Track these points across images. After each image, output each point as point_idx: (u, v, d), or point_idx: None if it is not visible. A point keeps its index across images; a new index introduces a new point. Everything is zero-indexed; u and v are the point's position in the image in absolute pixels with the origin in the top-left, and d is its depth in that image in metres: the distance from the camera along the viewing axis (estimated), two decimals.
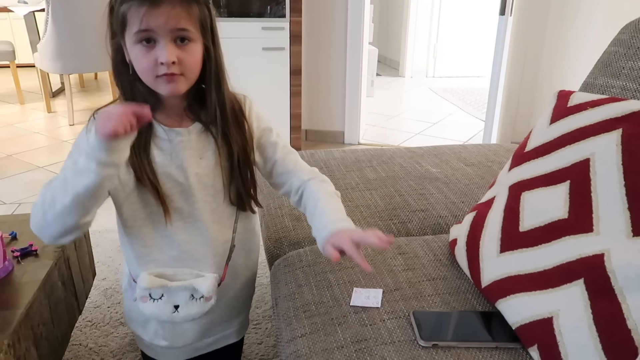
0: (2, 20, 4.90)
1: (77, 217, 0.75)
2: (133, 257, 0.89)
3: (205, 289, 0.87)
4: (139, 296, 0.87)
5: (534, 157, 0.90)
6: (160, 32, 0.74)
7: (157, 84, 0.78)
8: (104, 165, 0.70)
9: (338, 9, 2.94)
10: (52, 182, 0.77)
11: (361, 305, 0.84)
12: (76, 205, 0.73)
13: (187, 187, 0.85)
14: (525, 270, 0.77)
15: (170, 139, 0.83)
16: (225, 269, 0.94)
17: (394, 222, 1.17)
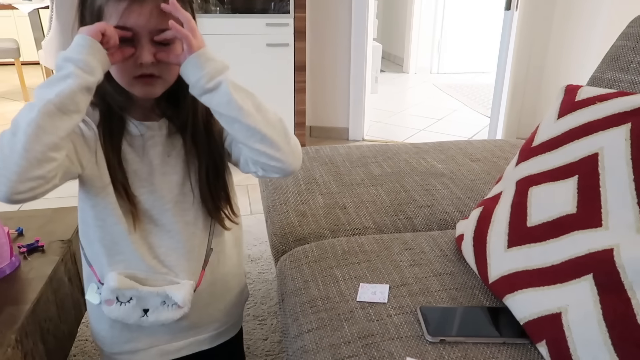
0: (7, 17, 4.92)
1: (43, 144, 0.62)
2: (103, 253, 0.82)
3: (180, 297, 0.81)
4: (104, 299, 0.81)
5: (542, 152, 0.89)
6: (141, 31, 0.71)
7: (132, 85, 0.75)
8: (82, 68, 0.65)
9: (342, 4, 2.93)
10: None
11: (368, 301, 0.84)
12: (45, 120, 0.62)
13: (155, 187, 0.81)
14: (533, 266, 0.77)
15: (142, 133, 0.80)
16: (202, 275, 0.87)
17: (400, 218, 1.17)
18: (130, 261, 0.82)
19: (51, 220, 1.22)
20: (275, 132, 0.73)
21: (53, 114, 0.63)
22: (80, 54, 0.66)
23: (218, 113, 0.73)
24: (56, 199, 2.26)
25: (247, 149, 0.74)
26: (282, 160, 0.74)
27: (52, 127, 0.63)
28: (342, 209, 1.20)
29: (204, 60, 0.71)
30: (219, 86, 0.71)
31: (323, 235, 1.11)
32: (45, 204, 2.20)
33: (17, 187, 0.62)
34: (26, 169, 0.62)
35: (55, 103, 0.63)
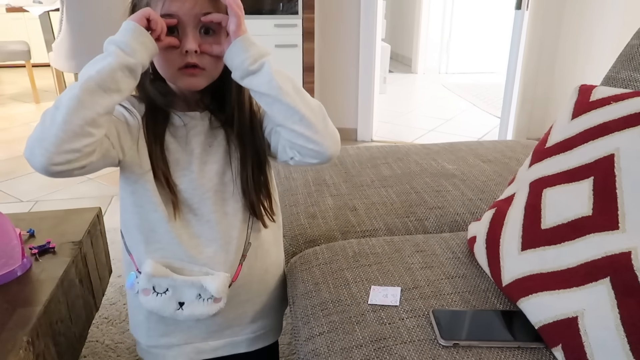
0: (17, 20, 4.96)
1: (82, 118, 0.65)
2: (141, 241, 0.83)
3: (214, 288, 0.81)
4: (141, 289, 0.82)
5: (556, 153, 0.88)
6: (186, 18, 0.73)
7: (176, 77, 0.77)
8: (123, 50, 0.68)
9: (351, 5, 2.92)
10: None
11: (379, 304, 0.83)
12: (85, 95, 0.65)
13: (195, 175, 0.82)
14: (548, 269, 0.75)
15: (185, 123, 0.82)
16: (239, 269, 0.87)
17: (411, 220, 1.16)
18: (167, 249, 0.82)
19: (62, 221, 1.23)
20: (313, 115, 0.74)
21: (93, 90, 0.66)
22: (122, 37, 0.69)
23: (259, 94, 0.74)
24: (68, 200, 2.28)
25: (285, 130, 0.74)
26: (320, 142, 0.74)
27: (92, 102, 0.66)
28: (352, 210, 1.19)
29: (249, 44, 0.73)
30: (262, 67, 0.72)
31: (333, 237, 1.11)
32: (57, 205, 2.22)
33: (53, 158, 0.64)
34: (63, 140, 0.64)
35: (95, 80, 0.66)
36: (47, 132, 0.64)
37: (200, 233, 0.83)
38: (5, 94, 4.33)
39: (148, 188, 0.79)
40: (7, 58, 3.89)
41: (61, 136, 0.64)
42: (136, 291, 0.84)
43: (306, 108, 0.74)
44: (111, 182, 2.47)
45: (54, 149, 0.64)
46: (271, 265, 0.95)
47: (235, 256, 0.86)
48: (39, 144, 0.64)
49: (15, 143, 3.10)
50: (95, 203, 2.27)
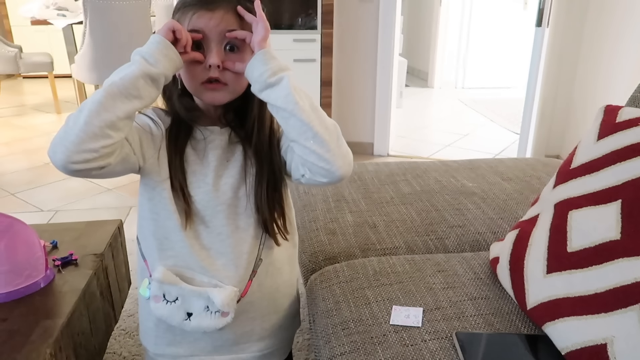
0: (41, 32, 5.08)
1: (102, 120, 0.68)
2: (155, 247, 0.84)
3: (220, 301, 0.81)
4: (152, 295, 0.83)
5: (581, 175, 0.87)
6: (211, 34, 0.76)
7: (200, 91, 0.80)
8: (146, 59, 0.71)
9: (369, 20, 2.94)
10: None
11: (401, 324, 0.82)
12: (107, 99, 0.69)
13: (210, 188, 0.83)
14: (575, 293, 0.74)
15: (204, 137, 0.84)
16: (248, 285, 0.86)
17: (431, 238, 1.15)
18: (179, 258, 0.83)
19: (84, 233, 1.24)
20: (327, 133, 0.74)
21: (115, 95, 0.69)
22: (148, 48, 0.73)
23: (275, 107, 0.75)
24: (87, 210, 2.31)
25: (298, 146, 0.75)
26: (331, 161, 0.74)
27: (113, 106, 0.69)
28: (372, 227, 1.19)
29: (269, 57, 0.75)
30: (281, 81, 0.74)
31: (353, 254, 1.10)
32: (76, 214, 2.24)
33: (73, 156, 0.68)
34: (83, 140, 0.67)
35: (118, 85, 0.70)
36: (69, 132, 0.68)
37: (210, 245, 0.84)
38: (27, 104, 4.42)
39: (165, 196, 0.82)
40: (31, 69, 3.98)
41: (81, 136, 0.67)
42: (147, 297, 0.85)
43: (320, 126, 0.74)
44: (130, 193, 2.50)
45: (73, 148, 0.67)
46: (283, 284, 0.94)
47: (245, 271, 0.86)
48: (61, 142, 0.68)
49: (36, 153, 3.15)
50: (114, 213, 2.29)
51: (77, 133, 0.67)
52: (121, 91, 0.70)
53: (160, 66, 0.72)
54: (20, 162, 2.99)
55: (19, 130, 3.62)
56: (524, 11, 4.97)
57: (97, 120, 0.68)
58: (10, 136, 3.50)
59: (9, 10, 5.21)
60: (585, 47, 2.72)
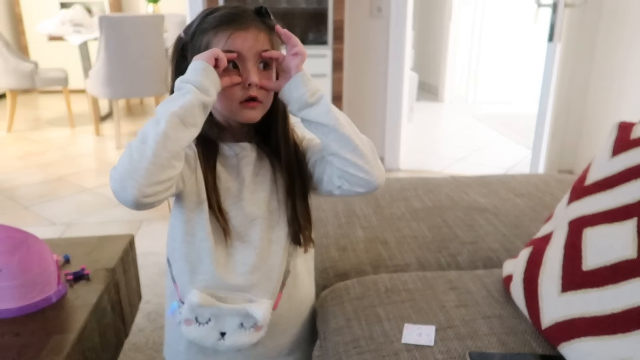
0: (57, 48, 5.18)
1: (169, 152, 0.69)
2: (187, 270, 0.83)
3: (261, 315, 0.81)
4: (184, 319, 0.82)
5: (596, 192, 0.86)
6: (247, 54, 0.78)
7: (237, 111, 0.81)
8: (198, 88, 0.73)
9: (380, 36, 2.96)
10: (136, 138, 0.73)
11: (413, 343, 0.81)
12: (171, 129, 0.69)
13: (245, 203, 0.84)
14: (591, 313, 0.73)
15: (236, 153, 0.85)
16: (279, 297, 0.87)
17: (443, 255, 1.14)
18: (212, 279, 0.83)
19: (96, 248, 1.25)
20: (364, 146, 0.79)
21: (177, 125, 0.70)
22: (196, 76, 0.73)
23: (316, 124, 0.78)
24: (99, 224, 2.33)
25: (337, 159, 0.78)
26: (370, 172, 0.78)
27: (176, 137, 0.70)
28: (383, 243, 1.18)
29: (307, 79, 0.79)
30: (320, 100, 0.78)
31: (364, 271, 1.09)
32: (88, 228, 2.26)
33: (144, 190, 0.68)
34: (153, 173, 0.68)
35: (179, 115, 0.70)
36: (137, 166, 0.68)
37: (246, 260, 0.84)
38: (42, 118, 4.49)
39: (203, 217, 0.82)
40: (46, 84, 4.04)
41: (151, 169, 0.68)
42: (178, 321, 0.84)
43: (358, 139, 0.79)
44: None
45: (144, 182, 0.67)
46: (306, 296, 0.95)
47: (277, 283, 0.86)
48: (130, 177, 0.68)
49: (50, 166, 3.19)
50: (126, 227, 2.31)
51: (146, 166, 0.67)
52: (182, 120, 0.70)
53: (211, 93, 0.74)
54: (34, 175, 3.03)
55: (34, 144, 3.68)
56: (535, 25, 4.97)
57: (165, 152, 0.69)
58: (25, 150, 3.55)
59: (26, 27, 5.32)
60: (597, 61, 2.71)
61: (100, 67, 3.48)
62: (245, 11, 0.81)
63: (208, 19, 0.80)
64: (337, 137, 0.77)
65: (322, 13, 2.70)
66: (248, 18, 0.79)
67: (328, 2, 2.65)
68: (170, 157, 0.70)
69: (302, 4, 2.84)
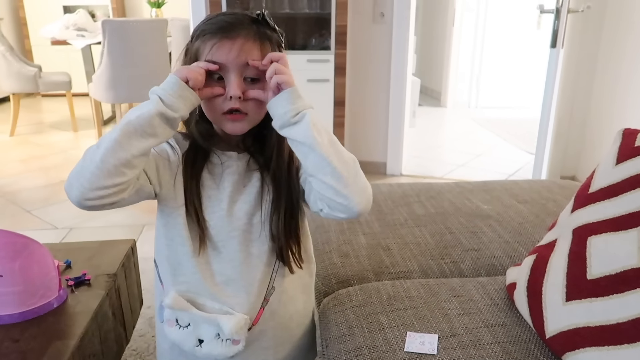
0: (60, 52, 5.19)
1: (117, 159, 0.69)
2: (169, 272, 0.84)
3: (228, 329, 0.80)
4: (166, 319, 0.83)
5: (600, 199, 0.85)
6: (230, 66, 0.76)
7: (220, 122, 0.80)
8: (164, 103, 0.72)
9: (382, 41, 2.96)
10: None
11: (416, 352, 0.81)
12: (123, 137, 0.69)
13: (225, 213, 0.82)
14: (596, 322, 0.72)
15: (222, 161, 0.84)
16: (260, 313, 0.85)
17: (446, 262, 1.14)
18: (191, 283, 0.83)
19: (97, 253, 1.25)
20: (345, 168, 0.74)
21: (131, 133, 0.70)
22: (164, 89, 0.73)
23: (295, 142, 0.75)
24: (101, 228, 2.32)
25: (316, 181, 0.75)
26: (348, 197, 0.73)
27: (128, 145, 0.70)
28: (385, 250, 1.18)
29: (296, 96, 0.75)
30: (303, 118, 0.74)
31: (367, 277, 1.09)
32: (90, 232, 2.26)
33: (87, 193, 0.70)
34: (98, 177, 0.69)
35: (134, 124, 0.70)
36: (85, 169, 0.70)
37: (222, 271, 0.83)
38: (45, 122, 4.50)
39: (179, 222, 0.81)
40: (49, 88, 4.05)
41: (97, 173, 0.69)
42: (162, 320, 0.85)
43: (339, 161, 0.73)
44: (143, 211, 2.51)
45: (88, 185, 0.69)
46: (296, 314, 0.92)
47: (256, 299, 0.84)
48: (77, 179, 0.70)
49: (53, 170, 3.19)
50: (127, 232, 2.30)
51: (92, 170, 0.69)
52: (137, 129, 0.70)
53: (175, 107, 0.73)
54: (36, 179, 3.04)
55: (36, 148, 3.68)
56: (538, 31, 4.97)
57: (113, 159, 0.69)
58: (28, 153, 3.55)
59: (30, 31, 5.35)
60: (600, 67, 2.70)
61: (103, 71, 3.49)
62: (239, 19, 0.77)
63: (204, 25, 0.79)
64: (315, 158, 0.73)
65: (325, 18, 2.70)
66: (238, 26, 0.76)
67: (331, 7, 2.65)
68: (119, 165, 0.69)
69: (305, 9, 2.84)
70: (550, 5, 2.27)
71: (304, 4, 2.85)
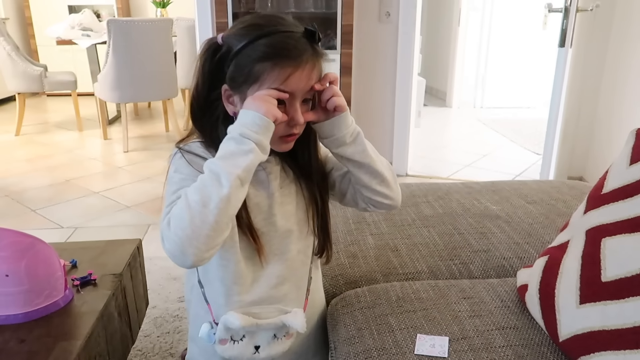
0: (66, 52, 5.20)
1: (229, 216, 0.69)
2: (222, 293, 0.82)
3: (299, 324, 0.82)
4: (218, 339, 0.81)
5: (614, 200, 0.84)
6: (298, 94, 0.74)
7: (276, 143, 0.77)
8: (259, 147, 0.70)
9: (388, 41, 2.95)
10: (185, 194, 0.69)
11: (426, 354, 0.80)
12: (233, 194, 0.67)
13: (276, 217, 0.82)
14: (611, 326, 0.71)
15: (264, 167, 0.81)
16: (306, 303, 0.89)
17: (455, 263, 1.12)
18: (246, 299, 0.83)
19: (103, 252, 1.24)
20: (390, 174, 0.84)
21: (238, 187, 0.68)
22: (258, 134, 0.70)
23: (351, 160, 0.81)
24: (106, 227, 2.32)
25: (367, 190, 0.82)
26: (394, 198, 0.85)
27: (236, 199, 0.69)
28: (393, 251, 1.16)
29: (351, 120, 0.80)
30: (357, 139, 0.80)
31: (375, 279, 1.08)
32: (96, 232, 2.25)
33: (204, 255, 0.68)
34: (213, 238, 0.68)
35: (241, 178, 0.68)
36: (199, 232, 0.66)
37: (276, 272, 0.84)
38: (50, 122, 4.51)
39: (235, 241, 0.79)
40: (55, 88, 4.06)
41: (212, 235, 0.67)
42: (213, 342, 0.83)
43: (386, 170, 0.83)
44: (148, 211, 2.51)
45: (205, 247, 0.67)
46: (321, 299, 1.00)
47: (302, 292, 0.90)
48: (191, 243, 0.67)
49: (58, 169, 3.19)
50: (132, 231, 2.30)
51: (208, 233, 0.67)
52: (242, 182, 0.69)
53: (268, 151, 0.72)
54: (41, 178, 3.04)
55: (42, 147, 3.69)
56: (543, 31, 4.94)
57: (226, 217, 0.68)
58: (33, 153, 3.56)
59: (36, 31, 5.36)
60: (608, 67, 2.68)
61: (108, 71, 3.49)
62: (299, 40, 0.73)
63: (260, 44, 0.72)
64: (369, 171, 0.81)
65: (330, 18, 2.69)
66: (304, 52, 0.72)
67: (337, 7, 2.64)
68: (229, 220, 0.69)
69: (311, 9, 2.83)
70: (559, 4, 2.25)
71: (310, 4, 2.84)
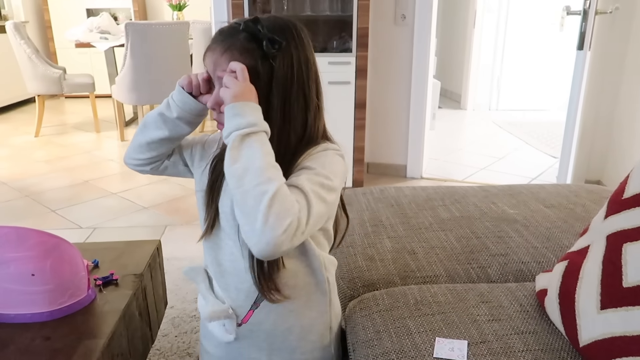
0: (84, 54, 5.29)
1: (139, 141, 0.88)
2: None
3: (206, 312, 0.85)
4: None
5: (635, 206, 0.83)
6: (213, 75, 0.81)
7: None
8: (167, 105, 0.84)
9: (404, 43, 2.95)
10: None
11: (445, 358, 0.80)
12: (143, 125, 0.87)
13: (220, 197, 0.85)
14: (633, 332, 0.70)
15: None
16: (249, 314, 0.85)
17: (473, 267, 1.12)
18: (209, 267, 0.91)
19: (124, 253, 1.26)
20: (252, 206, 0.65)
21: (147, 124, 0.88)
22: (172, 93, 0.85)
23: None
24: (124, 228, 2.35)
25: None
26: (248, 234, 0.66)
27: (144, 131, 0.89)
28: (411, 254, 1.17)
29: (230, 115, 0.71)
30: (232, 143, 0.70)
31: (392, 281, 1.08)
32: (114, 232, 2.28)
33: (126, 160, 0.94)
34: (134, 149, 0.92)
35: (149, 116, 0.89)
36: (136, 137, 0.89)
37: (221, 261, 0.87)
38: (69, 123, 4.58)
39: (201, 202, 0.88)
40: (73, 90, 4.12)
41: (132, 146, 0.90)
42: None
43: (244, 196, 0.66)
44: (166, 211, 2.54)
45: (126, 154, 0.93)
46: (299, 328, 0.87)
47: (246, 299, 0.87)
48: (131, 144, 0.91)
49: (76, 170, 3.24)
50: (150, 232, 2.33)
51: (131, 144, 0.91)
52: (150, 122, 0.86)
53: (172, 109, 0.83)
54: (61, 179, 3.09)
55: (60, 148, 3.75)
56: (560, 33, 4.89)
57: (138, 139, 0.88)
58: (52, 154, 3.62)
59: (55, 34, 5.45)
60: (628, 70, 2.65)
61: (125, 73, 3.54)
62: (231, 26, 0.78)
63: None
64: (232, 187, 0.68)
65: (346, 20, 2.70)
66: (221, 35, 0.78)
67: (352, 10, 2.65)
68: (143, 144, 0.89)
69: (327, 12, 2.84)
70: (577, 6, 2.23)
71: (326, 6, 2.85)
